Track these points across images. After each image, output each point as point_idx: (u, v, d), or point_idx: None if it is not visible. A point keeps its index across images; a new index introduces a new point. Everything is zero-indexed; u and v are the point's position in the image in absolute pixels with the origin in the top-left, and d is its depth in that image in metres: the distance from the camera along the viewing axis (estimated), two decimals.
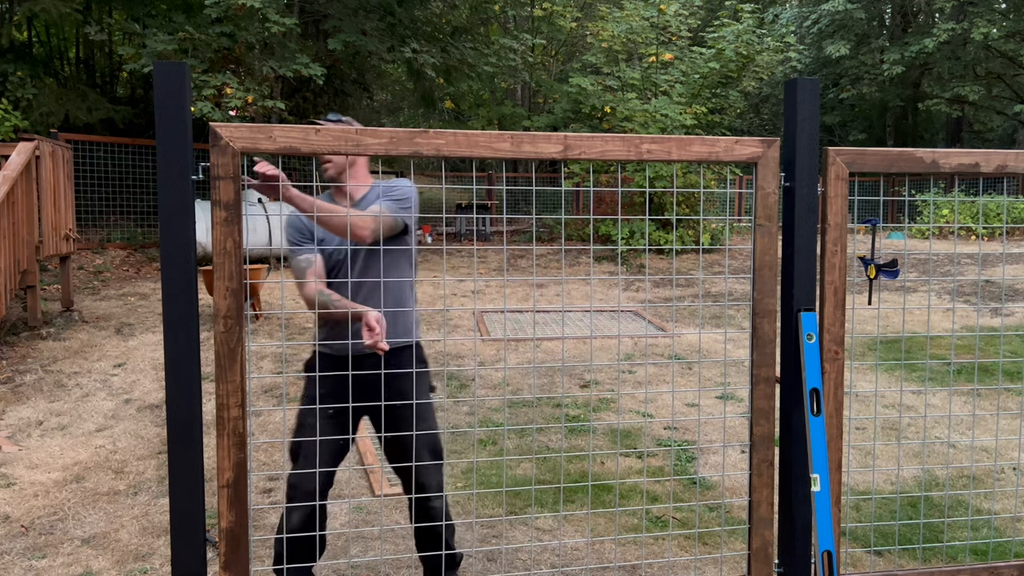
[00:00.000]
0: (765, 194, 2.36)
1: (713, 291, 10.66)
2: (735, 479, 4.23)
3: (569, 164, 15.46)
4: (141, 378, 6.08)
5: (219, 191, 2.08)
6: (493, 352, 6.97)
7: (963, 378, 6.17)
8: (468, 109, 20.66)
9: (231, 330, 2.11)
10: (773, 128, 29.31)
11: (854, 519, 3.76)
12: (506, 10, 17.30)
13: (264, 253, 11.08)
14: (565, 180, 15.93)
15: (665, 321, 8.50)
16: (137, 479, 4.26)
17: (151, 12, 13.23)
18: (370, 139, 2.16)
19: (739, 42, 15.23)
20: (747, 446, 4.66)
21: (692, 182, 14.16)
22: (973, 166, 2.51)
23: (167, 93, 2.03)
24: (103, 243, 11.66)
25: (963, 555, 3.37)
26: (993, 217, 15.43)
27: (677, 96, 14.92)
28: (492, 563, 3.31)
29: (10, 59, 12.93)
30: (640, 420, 5.18)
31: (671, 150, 2.31)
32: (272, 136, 2.10)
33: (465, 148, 2.20)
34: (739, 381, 6.13)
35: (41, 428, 5.06)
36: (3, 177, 6.38)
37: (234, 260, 2.10)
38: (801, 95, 2.35)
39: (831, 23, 24.04)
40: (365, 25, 12.93)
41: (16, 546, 3.49)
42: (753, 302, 2.39)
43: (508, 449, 4.68)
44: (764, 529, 2.43)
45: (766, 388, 2.41)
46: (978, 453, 4.58)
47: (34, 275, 7.05)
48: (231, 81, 11.39)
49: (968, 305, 9.13)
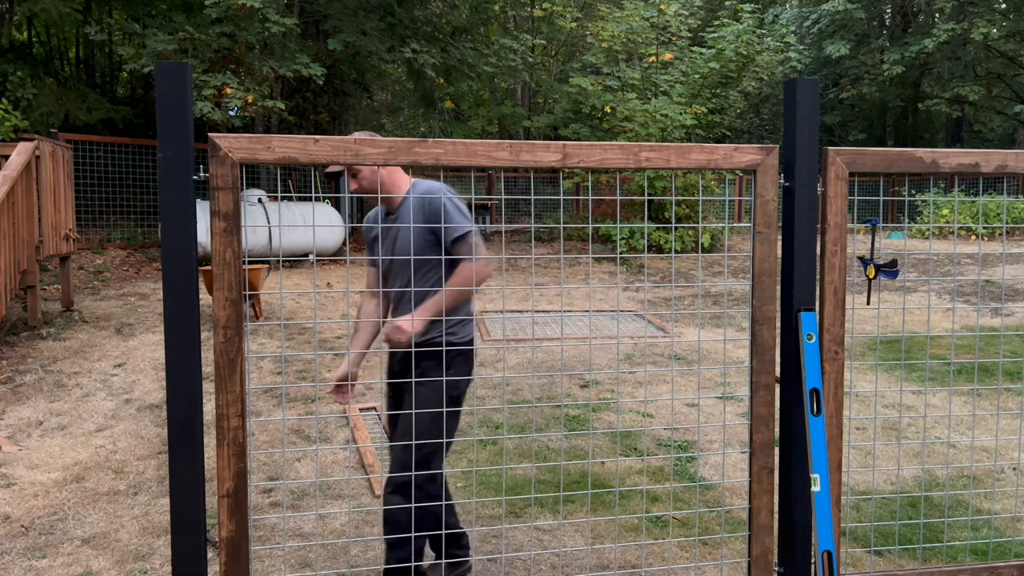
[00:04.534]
0: (764, 201, 2.37)
1: (713, 291, 10.66)
2: (735, 479, 4.23)
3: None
4: (141, 378, 6.08)
5: (218, 201, 2.08)
6: (493, 352, 6.98)
7: (963, 378, 6.17)
8: (468, 109, 20.64)
9: (231, 340, 2.12)
10: (773, 128, 29.30)
11: (854, 519, 3.76)
12: (506, 10, 17.29)
13: (264, 252, 11.08)
14: (565, 180, 15.93)
15: (665, 321, 8.51)
16: (137, 479, 4.26)
17: (151, 12, 13.23)
18: (368, 149, 2.16)
19: (739, 42, 15.23)
20: (747, 446, 4.66)
21: (692, 181, 14.16)
22: (973, 166, 2.51)
23: (169, 93, 2.03)
24: (103, 243, 11.66)
25: (963, 555, 3.38)
26: (993, 217, 15.43)
27: (677, 96, 14.92)
28: (492, 563, 3.31)
29: (10, 59, 12.93)
30: (640, 420, 5.18)
31: (670, 158, 2.31)
32: (271, 146, 2.10)
33: (464, 157, 2.21)
34: (739, 381, 6.13)
35: (41, 428, 5.06)
36: (3, 177, 6.38)
37: (234, 271, 2.10)
38: (801, 95, 2.36)
39: (831, 23, 24.04)
40: (365, 25, 12.93)
41: (16, 546, 3.49)
42: (752, 309, 2.39)
43: (508, 449, 4.69)
44: (764, 536, 2.43)
45: (766, 395, 2.41)
46: (978, 453, 4.59)
47: (34, 275, 7.05)
48: (231, 81, 11.39)
49: (968, 305, 9.13)
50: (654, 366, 6.57)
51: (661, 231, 13.54)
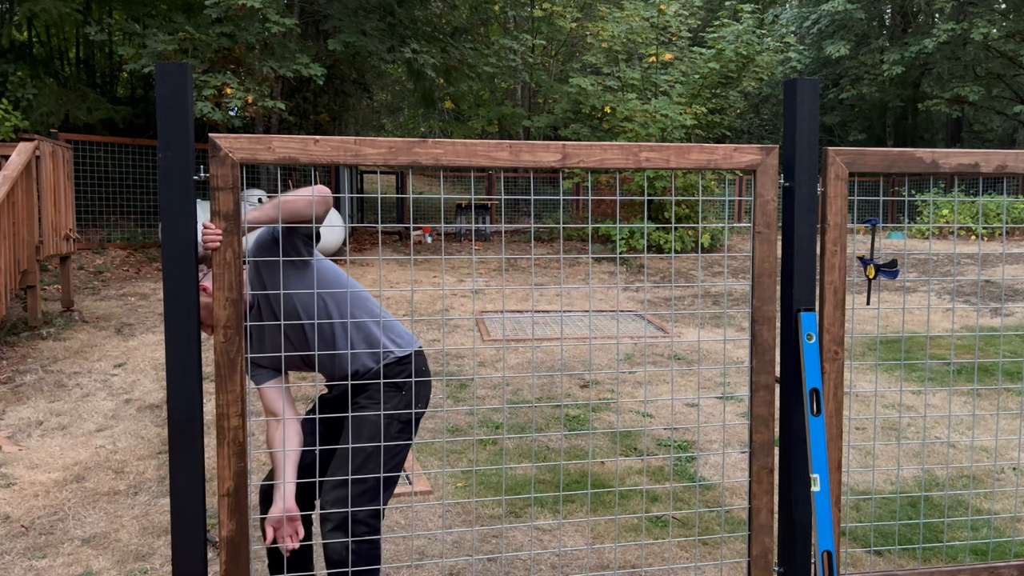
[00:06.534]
0: (764, 201, 2.37)
1: (713, 291, 10.66)
2: (735, 479, 4.23)
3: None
4: (141, 378, 6.08)
5: (219, 202, 2.09)
6: (493, 352, 6.98)
7: (963, 378, 6.17)
8: (468, 109, 20.65)
9: (231, 340, 2.12)
10: (773, 128, 29.30)
11: (854, 519, 3.76)
12: (506, 10, 17.29)
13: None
14: (564, 180, 15.93)
15: (665, 321, 8.51)
16: (137, 479, 4.26)
17: (151, 12, 13.23)
18: (368, 149, 2.16)
19: (739, 42, 15.23)
20: (747, 446, 4.66)
21: (692, 181, 14.16)
22: (973, 166, 2.51)
23: (169, 93, 2.03)
24: (103, 243, 11.66)
25: (963, 555, 3.38)
26: (993, 217, 15.43)
27: (677, 96, 14.92)
28: (492, 563, 3.31)
29: (10, 59, 12.93)
30: (640, 420, 5.18)
31: (669, 158, 2.31)
32: (271, 147, 2.10)
33: (464, 157, 2.21)
34: (739, 381, 6.13)
35: (41, 428, 5.06)
36: (3, 177, 6.38)
37: (234, 271, 2.10)
38: (801, 95, 2.36)
39: (831, 23, 24.05)
40: (365, 25, 12.93)
41: (16, 546, 3.49)
42: (752, 309, 2.39)
43: (508, 449, 4.69)
44: (764, 536, 2.43)
45: (766, 395, 2.41)
46: (978, 453, 4.59)
47: (34, 275, 7.05)
48: (231, 81, 11.39)
49: (968, 305, 9.13)
50: (654, 366, 6.57)
51: (661, 231, 13.54)
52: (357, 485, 2.45)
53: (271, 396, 2.55)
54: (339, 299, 2.53)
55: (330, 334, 2.53)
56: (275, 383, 2.56)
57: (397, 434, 2.54)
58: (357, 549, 2.42)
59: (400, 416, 2.56)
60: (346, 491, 2.43)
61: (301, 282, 2.47)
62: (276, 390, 2.55)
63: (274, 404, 2.55)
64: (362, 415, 2.54)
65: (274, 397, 2.55)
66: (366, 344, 2.56)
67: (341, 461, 2.49)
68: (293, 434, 2.52)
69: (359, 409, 2.56)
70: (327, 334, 2.52)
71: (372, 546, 2.46)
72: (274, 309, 2.49)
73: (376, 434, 2.50)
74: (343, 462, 2.48)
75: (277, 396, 2.55)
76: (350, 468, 2.45)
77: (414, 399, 2.60)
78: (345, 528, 2.41)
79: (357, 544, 2.42)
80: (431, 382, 2.67)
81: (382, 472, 2.48)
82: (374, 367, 2.57)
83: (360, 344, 2.55)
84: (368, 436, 2.50)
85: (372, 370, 2.57)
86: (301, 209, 2.34)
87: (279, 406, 2.54)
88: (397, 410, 2.56)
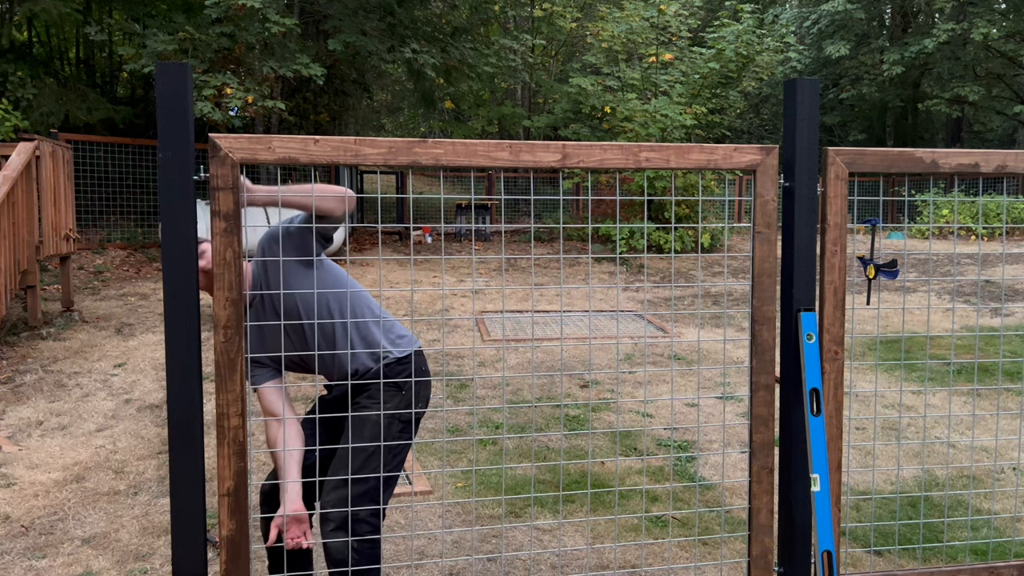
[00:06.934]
0: (764, 201, 2.37)
1: (713, 291, 10.66)
2: (735, 479, 4.23)
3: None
4: (141, 378, 6.08)
5: (218, 202, 2.08)
6: (493, 352, 6.98)
7: (963, 378, 6.17)
8: (468, 109, 20.66)
9: (231, 340, 2.12)
10: (773, 128, 29.30)
11: (854, 519, 3.76)
12: (506, 10, 17.30)
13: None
14: (564, 180, 15.93)
15: (665, 321, 8.51)
16: (137, 479, 4.26)
17: (151, 12, 13.23)
18: (368, 149, 2.16)
19: (739, 42, 15.24)
20: (747, 446, 4.66)
21: (692, 181, 14.16)
22: (973, 166, 2.51)
23: (169, 93, 2.03)
24: (103, 243, 11.66)
25: (963, 555, 3.38)
26: (993, 217, 15.43)
27: (677, 96, 14.92)
28: (492, 563, 3.31)
29: (10, 59, 12.93)
30: (640, 420, 5.18)
31: (669, 158, 2.31)
32: (271, 147, 2.10)
33: (464, 157, 2.20)
34: (739, 381, 6.13)
35: (41, 428, 5.06)
36: (3, 177, 6.38)
37: (234, 271, 2.10)
38: (801, 95, 2.36)
39: (831, 23, 24.06)
40: (365, 25, 12.93)
41: (16, 546, 3.49)
42: (752, 309, 2.39)
43: (508, 449, 4.69)
44: (764, 536, 2.43)
45: (766, 395, 2.41)
46: (978, 453, 4.59)
47: (34, 275, 7.05)
48: (231, 81, 11.39)
49: (968, 305, 9.13)
50: (654, 366, 6.57)
51: (661, 231, 13.54)
52: (358, 485, 2.45)
53: (270, 396, 2.54)
54: (340, 298, 2.53)
55: (331, 334, 2.54)
56: (274, 383, 2.56)
57: (398, 434, 2.54)
58: (359, 548, 2.42)
59: (401, 416, 2.56)
60: (347, 491, 2.43)
61: (305, 280, 2.48)
62: (275, 390, 2.54)
63: (273, 405, 2.54)
64: (363, 415, 2.55)
65: (273, 398, 2.53)
66: (366, 344, 2.56)
67: (342, 461, 2.49)
68: (295, 434, 2.52)
69: (360, 409, 2.57)
70: (328, 333, 2.53)
71: (373, 546, 2.47)
72: (275, 306, 2.49)
73: (377, 434, 2.51)
74: (344, 462, 2.48)
75: (276, 396, 2.53)
76: (350, 468, 2.46)
77: (414, 399, 2.60)
78: (346, 528, 2.40)
79: (359, 543, 2.42)
80: (431, 382, 2.67)
81: (382, 472, 2.49)
82: (374, 367, 2.58)
83: (360, 344, 2.55)
84: (369, 436, 2.51)
85: (372, 370, 2.58)
86: (333, 208, 2.37)
87: (278, 407, 2.54)
88: (398, 410, 2.56)
